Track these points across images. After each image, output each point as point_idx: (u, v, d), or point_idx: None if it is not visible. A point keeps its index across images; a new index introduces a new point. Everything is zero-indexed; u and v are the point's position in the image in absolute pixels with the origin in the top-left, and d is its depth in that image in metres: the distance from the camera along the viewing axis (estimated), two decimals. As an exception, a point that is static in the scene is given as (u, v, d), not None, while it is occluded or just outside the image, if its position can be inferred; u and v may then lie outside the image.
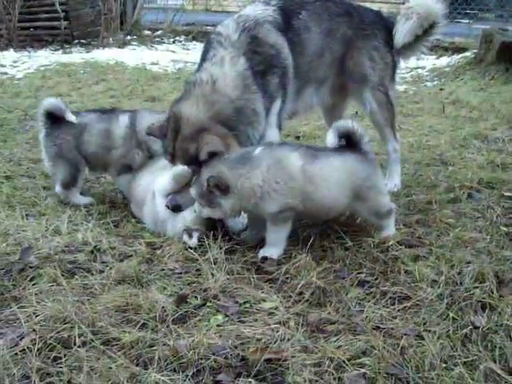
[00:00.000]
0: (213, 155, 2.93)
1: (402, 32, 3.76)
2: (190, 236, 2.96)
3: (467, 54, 9.07)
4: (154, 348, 2.11)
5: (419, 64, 9.11)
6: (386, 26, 3.83)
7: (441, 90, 7.49)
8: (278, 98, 3.30)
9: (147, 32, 12.97)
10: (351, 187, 2.90)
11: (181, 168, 3.02)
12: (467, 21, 13.20)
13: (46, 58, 10.03)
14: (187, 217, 3.03)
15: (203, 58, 3.31)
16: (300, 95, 3.55)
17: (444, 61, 9.30)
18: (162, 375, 1.95)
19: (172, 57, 10.39)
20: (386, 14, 4.20)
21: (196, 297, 2.49)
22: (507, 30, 8.37)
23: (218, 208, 2.88)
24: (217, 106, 3.04)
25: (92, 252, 2.89)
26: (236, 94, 3.09)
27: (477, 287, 2.54)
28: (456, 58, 9.19)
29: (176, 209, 3.03)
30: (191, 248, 2.90)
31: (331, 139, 2.91)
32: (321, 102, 3.83)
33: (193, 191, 2.92)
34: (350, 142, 2.94)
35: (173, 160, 3.09)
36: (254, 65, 3.17)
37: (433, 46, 8.99)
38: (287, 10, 3.45)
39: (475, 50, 8.68)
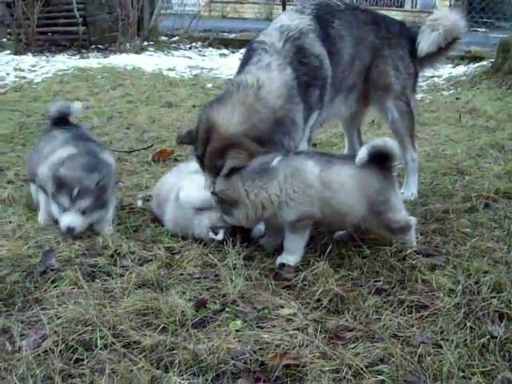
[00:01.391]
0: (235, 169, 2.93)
1: (427, 42, 3.78)
2: (216, 233, 3.01)
3: (484, 62, 9.06)
4: (174, 352, 2.14)
5: (435, 73, 9.05)
6: (410, 35, 3.86)
7: (457, 99, 7.48)
8: (316, 110, 3.31)
9: (164, 38, 13.09)
10: (365, 196, 2.90)
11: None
12: (484, 29, 13.18)
13: (63, 62, 10.14)
14: (213, 215, 3.06)
15: (245, 63, 3.26)
16: (332, 104, 3.56)
17: (460, 70, 9.29)
18: (182, 379, 1.98)
19: (188, 63, 10.47)
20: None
21: (215, 302, 2.51)
22: (524, 39, 8.34)
23: (232, 216, 2.92)
24: (256, 116, 3.00)
25: (112, 256, 2.93)
26: (279, 103, 3.06)
27: (494, 297, 2.54)
28: (472, 66, 9.18)
29: None
30: (220, 242, 2.98)
31: (362, 155, 2.88)
32: (349, 110, 3.83)
33: (212, 198, 2.97)
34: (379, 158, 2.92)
35: (203, 167, 3.10)
36: (300, 75, 3.16)
37: (447, 58, 9.04)
38: (322, 19, 3.44)
39: (492, 59, 8.66)
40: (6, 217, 3.42)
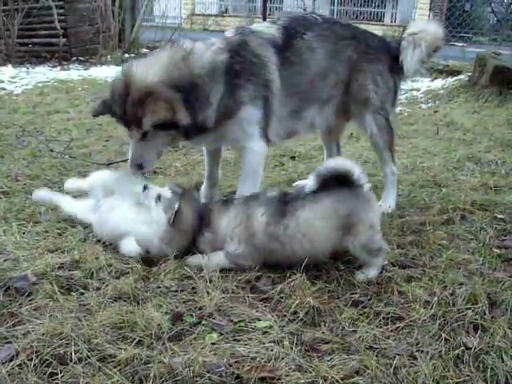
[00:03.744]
0: (159, 126, 3.02)
1: (413, 62, 3.83)
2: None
3: (461, 76, 9.19)
4: (149, 365, 2.12)
5: (414, 86, 9.22)
6: (390, 51, 3.90)
7: (435, 112, 7.59)
8: (250, 105, 3.34)
9: (145, 50, 13.08)
10: (335, 225, 2.81)
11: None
12: (461, 44, 13.38)
13: (44, 74, 10.11)
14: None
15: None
16: (300, 115, 3.61)
17: (438, 83, 9.42)
18: (157, 393, 1.97)
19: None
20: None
21: (191, 315, 2.50)
22: (500, 53, 8.49)
23: None
24: (176, 72, 3.11)
25: (89, 269, 2.90)
26: (200, 73, 3.18)
27: (469, 308, 2.57)
28: (450, 80, 9.31)
29: None
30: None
31: (310, 185, 2.87)
32: (325, 123, 3.87)
33: None
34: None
35: (127, 125, 3.14)
36: (232, 63, 3.28)
37: (427, 69, 9.16)
38: (291, 30, 3.56)
39: (469, 73, 8.80)
40: (-19, 230, 3.38)
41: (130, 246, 3.04)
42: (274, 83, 3.41)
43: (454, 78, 9.29)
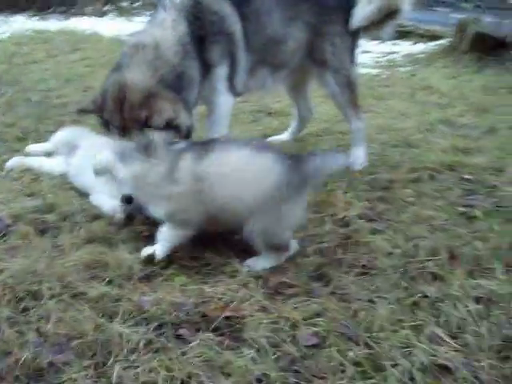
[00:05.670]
0: (168, 123, 2.97)
1: (358, 17, 3.78)
2: None
3: (442, 41, 9.18)
4: (118, 303, 2.21)
5: (394, 49, 9.22)
6: (347, 8, 3.83)
7: (412, 75, 7.61)
8: (219, 65, 3.32)
9: (125, 4, 12.86)
10: (256, 193, 2.50)
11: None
12: (445, 9, 13.35)
13: (22, 23, 9.92)
14: None
15: (148, 22, 3.34)
16: (253, 73, 3.57)
17: (419, 47, 9.41)
18: (125, 327, 2.06)
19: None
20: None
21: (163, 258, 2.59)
22: (481, 20, 8.51)
23: None
24: (161, 71, 3.05)
25: (62, 213, 2.96)
26: (177, 60, 3.11)
27: (430, 260, 2.68)
28: (431, 45, 9.30)
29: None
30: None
31: None
32: (276, 85, 3.89)
33: None
34: None
35: (124, 133, 3.02)
36: (194, 30, 3.20)
37: (407, 32, 9.15)
38: None
39: (451, 39, 8.81)
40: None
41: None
42: (237, 35, 3.37)
43: (435, 43, 9.29)
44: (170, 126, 2.99)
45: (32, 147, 3.80)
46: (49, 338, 2.01)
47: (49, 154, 3.68)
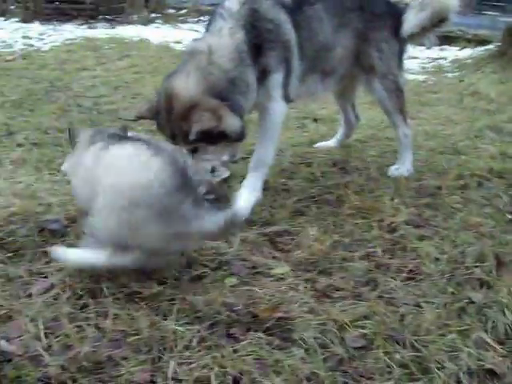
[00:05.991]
0: (205, 134, 3.02)
1: (411, 23, 3.83)
2: None
3: (490, 46, 9.07)
4: (172, 302, 2.30)
5: (441, 55, 9.16)
6: (394, 14, 3.91)
7: (461, 81, 7.55)
8: (276, 72, 3.37)
9: (171, 11, 13.10)
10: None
11: None
12: (494, 13, 13.13)
13: (71, 32, 10.21)
14: None
15: (206, 31, 3.43)
16: (304, 80, 3.61)
17: (466, 52, 9.32)
18: (179, 325, 2.14)
19: (195, 36, 10.49)
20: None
21: (213, 260, 2.67)
22: (530, 24, 8.37)
23: None
24: (210, 77, 3.11)
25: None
26: (231, 66, 3.17)
27: (477, 266, 2.69)
28: (479, 50, 9.20)
29: None
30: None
31: None
32: (325, 92, 3.95)
33: None
34: None
35: (175, 141, 3.13)
36: (251, 38, 3.26)
37: (454, 37, 9.05)
38: None
39: (499, 44, 8.69)
40: (16, 177, 3.57)
41: None
42: (292, 42, 3.43)
43: (483, 48, 9.18)
44: (213, 133, 3.05)
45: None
46: (107, 334, 2.10)
47: None
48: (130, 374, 1.89)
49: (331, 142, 4.50)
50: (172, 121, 3.10)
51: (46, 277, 2.44)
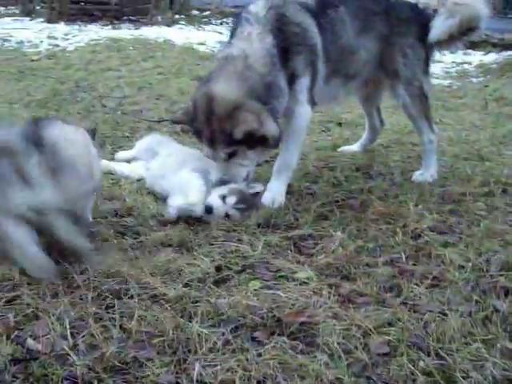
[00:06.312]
0: (248, 135, 3.06)
1: (439, 29, 3.80)
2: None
3: (516, 51, 8.99)
4: (197, 304, 2.31)
5: (466, 59, 9.09)
6: (421, 20, 3.88)
7: (486, 86, 7.48)
8: (303, 76, 3.40)
9: (195, 12, 13.21)
10: None
11: None
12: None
13: (96, 32, 10.32)
14: None
15: (231, 35, 3.45)
16: (327, 84, 3.62)
17: (492, 57, 9.23)
18: (204, 328, 2.15)
19: (219, 38, 10.55)
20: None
21: (236, 263, 2.68)
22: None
23: None
24: (250, 81, 3.15)
25: (141, 217, 3.10)
26: (266, 70, 3.21)
27: (502, 275, 2.66)
28: (504, 55, 9.12)
29: None
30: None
31: None
32: (348, 95, 3.98)
33: None
34: None
35: (213, 145, 3.17)
36: (279, 42, 3.29)
37: (479, 42, 8.97)
38: (325, 0, 3.57)
39: (525, 48, 8.60)
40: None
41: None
42: (318, 46, 3.45)
43: (508, 53, 9.10)
44: (254, 136, 3.09)
45: (120, 154, 4.00)
46: (132, 335, 2.11)
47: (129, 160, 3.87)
48: (155, 375, 1.90)
49: (355, 147, 4.49)
50: (213, 124, 3.12)
51: (72, 277, 2.46)
